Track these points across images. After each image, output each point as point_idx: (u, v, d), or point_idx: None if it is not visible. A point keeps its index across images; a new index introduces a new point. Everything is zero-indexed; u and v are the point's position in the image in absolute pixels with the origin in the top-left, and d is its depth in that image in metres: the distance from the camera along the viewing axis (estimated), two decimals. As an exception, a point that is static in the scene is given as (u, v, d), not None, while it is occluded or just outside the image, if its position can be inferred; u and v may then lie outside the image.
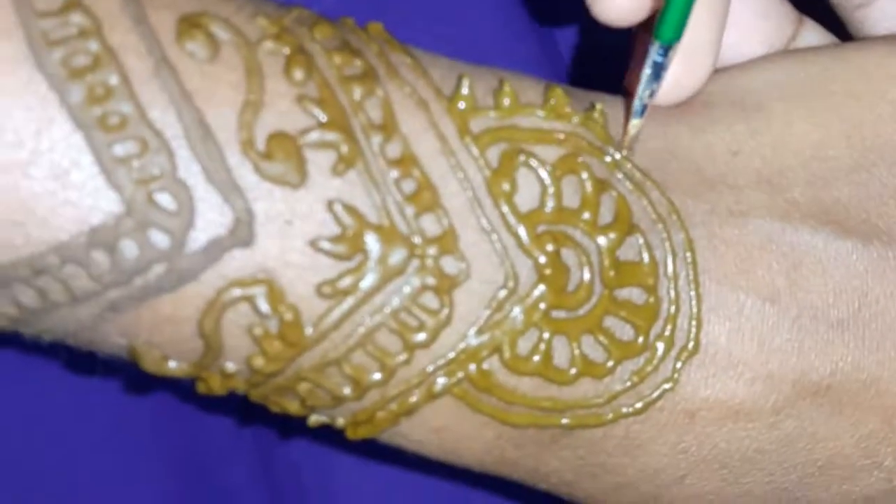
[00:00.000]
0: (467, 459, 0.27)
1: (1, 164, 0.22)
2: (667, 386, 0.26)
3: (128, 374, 0.29)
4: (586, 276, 0.26)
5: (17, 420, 0.33)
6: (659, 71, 0.25)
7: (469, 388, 0.25)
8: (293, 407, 0.26)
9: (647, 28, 0.26)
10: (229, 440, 0.35)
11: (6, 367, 0.33)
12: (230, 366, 0.24)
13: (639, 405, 0.26)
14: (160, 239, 0.23)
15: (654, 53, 0.25)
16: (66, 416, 0.33)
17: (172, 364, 0.25)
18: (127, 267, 0.23)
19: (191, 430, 0.34)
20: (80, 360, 0.26)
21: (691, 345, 0.26)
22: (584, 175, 0.26)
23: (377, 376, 0.25)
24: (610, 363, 0.26)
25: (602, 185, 0.26)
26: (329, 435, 0.27)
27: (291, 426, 0.34)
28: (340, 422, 0.26)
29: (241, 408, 0.34)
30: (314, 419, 0.26)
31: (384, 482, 0.35)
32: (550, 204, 0.25)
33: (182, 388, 0.33)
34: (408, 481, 0.35)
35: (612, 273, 0.26)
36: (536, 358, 0.25)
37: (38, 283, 0.23)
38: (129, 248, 0.23)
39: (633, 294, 0.26)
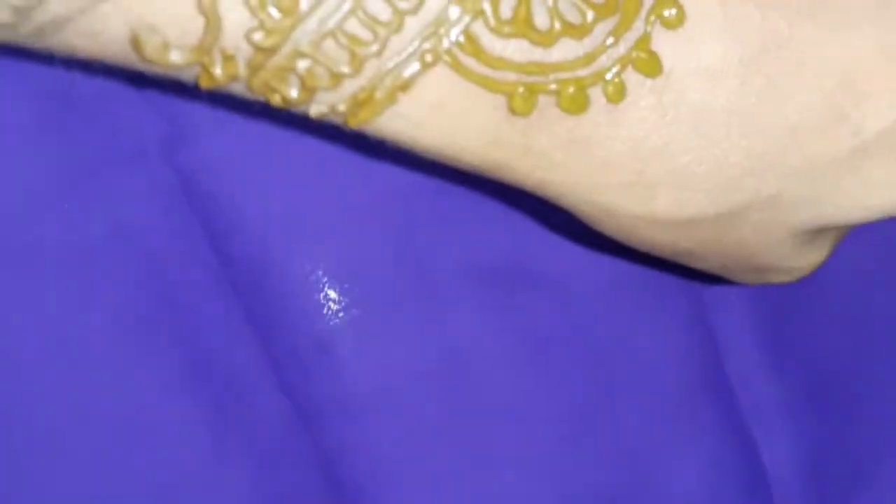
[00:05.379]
0: (465, 143, 0.28)
1: None
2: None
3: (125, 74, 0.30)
4: None
5: None
6: None
7: (459, 54, 0.27)
8: (294, 94, 0.27)
9: None
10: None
11: None
12: (230, 46, 0.26)
13: (617, 67, 0.28)
14: None
15: None
16: None
17: (175, 54, 0.26)
18: None
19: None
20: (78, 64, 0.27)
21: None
22: None
23: (373, 48, 0.26)
24: (588, 20, 0.27)
25: None
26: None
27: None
28: (341, 108, 0.27)
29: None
30: (315, 109, 0.27)
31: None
32: None
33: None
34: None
35: None
36: (520, 13, 0.27)
37: None
38: None
39: None
